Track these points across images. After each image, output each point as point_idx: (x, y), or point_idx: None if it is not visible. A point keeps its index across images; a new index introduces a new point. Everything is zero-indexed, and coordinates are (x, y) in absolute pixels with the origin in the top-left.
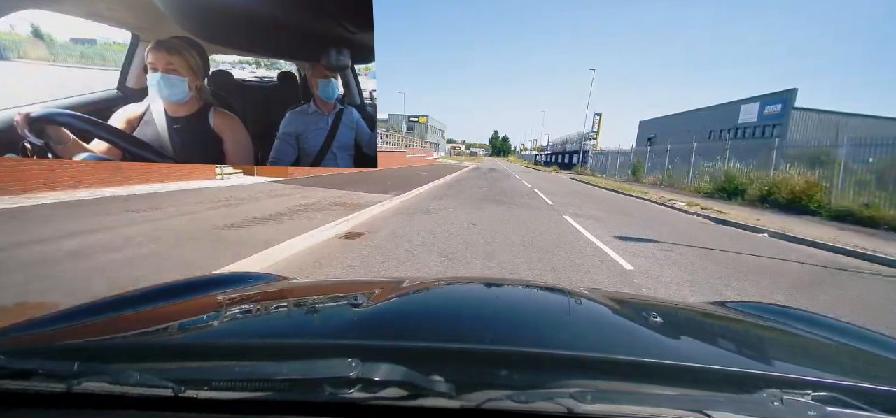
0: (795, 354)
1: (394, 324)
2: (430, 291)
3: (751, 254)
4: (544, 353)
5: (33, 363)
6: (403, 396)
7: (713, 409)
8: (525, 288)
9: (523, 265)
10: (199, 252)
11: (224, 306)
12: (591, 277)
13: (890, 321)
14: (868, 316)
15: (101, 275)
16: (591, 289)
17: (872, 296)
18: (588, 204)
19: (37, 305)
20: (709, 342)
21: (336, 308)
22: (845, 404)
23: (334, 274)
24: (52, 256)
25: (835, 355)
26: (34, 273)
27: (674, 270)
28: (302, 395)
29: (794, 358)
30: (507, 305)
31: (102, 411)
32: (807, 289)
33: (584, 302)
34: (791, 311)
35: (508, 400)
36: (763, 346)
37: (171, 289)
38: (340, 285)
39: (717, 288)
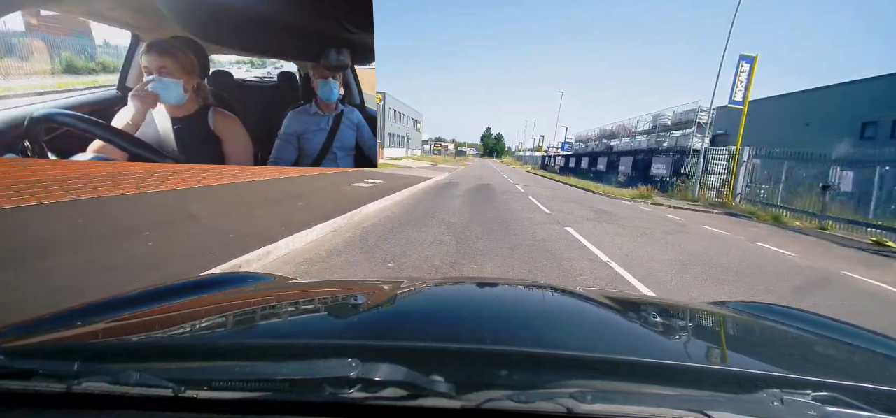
0: (795, 354)
1: (394, 324)
2: (430, 291)
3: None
4: (544, 353)
5: (33, 363)
6: (403, 396)
7: (713, 409)
8: (525, 288)
9: None
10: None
11: (224, 306)
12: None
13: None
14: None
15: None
16: (591, 289)
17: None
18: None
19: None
20: (709, 342)
21: (336, 308)
22: (845, 404)
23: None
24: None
25: (835, 355)
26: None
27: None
28: (302, 395)
29: (794, 358)
30: (507, 305)
31: (102, 411)
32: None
33: (584, 302)
34: (791, 311)
35: (508, 400)
36: (763, 346)
37: (171, 289)
38: (340, 285)
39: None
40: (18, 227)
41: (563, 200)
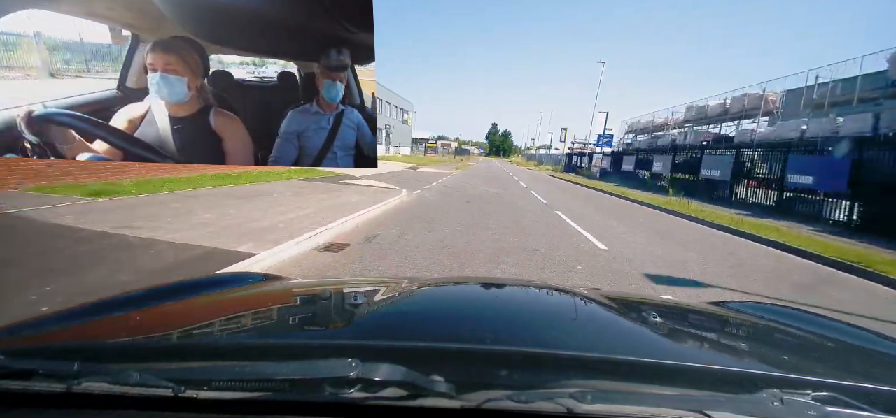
0: (795, 354)
1: (394, 324)
2: (430, 291)
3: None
4: (544, 353)
5: (33, 363)
6: (403, 396)
7: (713, 409)
8: (525, 288)
9: None
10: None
11: (224, 306)
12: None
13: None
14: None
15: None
16: (591, 288)
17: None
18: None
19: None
20: (709, 342)
21: (336, 308)
22: (845, 404)
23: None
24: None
25: (834, 355)
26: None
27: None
28: (302, 395)
29: (794, 358)
30: (507, 305)
31: (102, 411)
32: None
33: (583, 302)
34: (790, 311)
35: (508, 400)
36: (763, 346)
37: (171, 289)
38: (340, 285)
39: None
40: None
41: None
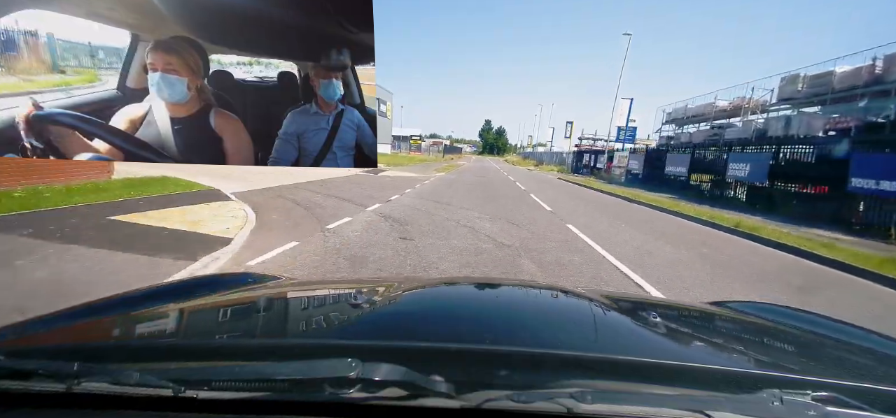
0: (795, 354)
1: (394, 324)
2: (430, 291)
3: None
4: (544, 353)
5: (33, 363)
6: (403, 396)
7: (713, 409)
8: (525, 288)
9: None
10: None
11: (224, 306)
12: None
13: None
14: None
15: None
16: (591, 289)
17: None
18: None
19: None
20: (709, 342)
21: (336, 308)
22: (845, 404)
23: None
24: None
25: (834, 355)
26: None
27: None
28: (302, 395)
29: (794, 358)
30: (507, 305)
31: (102, 411)
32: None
33: (583, 302)
34: (791, 311)
35: (508, 400)
36: (763, 346)
37: (171, 289)
38: (340, 285)
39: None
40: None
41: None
